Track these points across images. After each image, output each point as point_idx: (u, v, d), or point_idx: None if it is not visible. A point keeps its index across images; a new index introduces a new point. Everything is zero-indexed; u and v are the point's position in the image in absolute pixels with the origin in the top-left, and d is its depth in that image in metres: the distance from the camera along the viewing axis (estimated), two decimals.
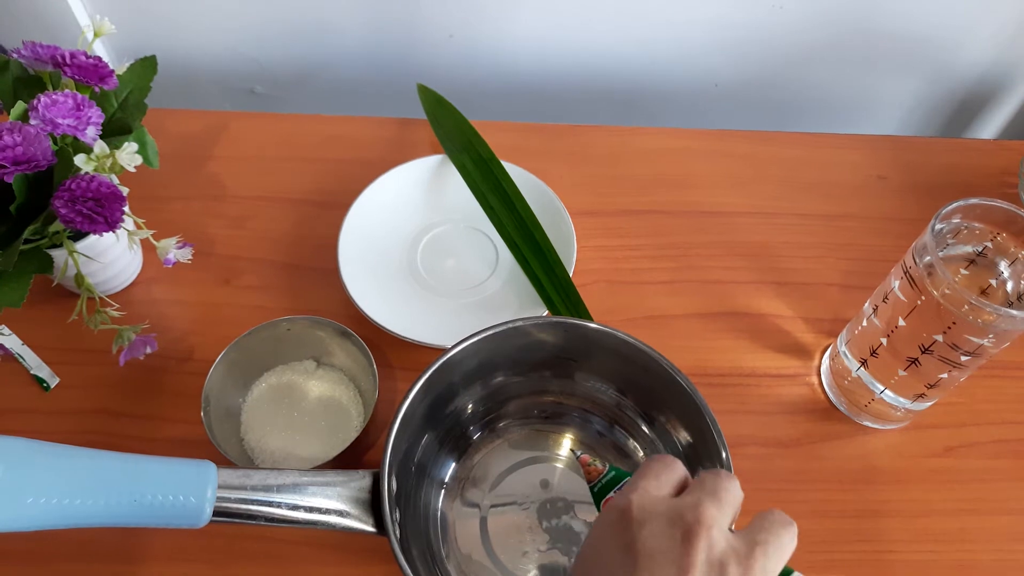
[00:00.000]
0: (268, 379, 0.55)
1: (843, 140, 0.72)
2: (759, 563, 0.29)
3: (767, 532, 0.30)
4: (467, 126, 0.67)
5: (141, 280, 0.61)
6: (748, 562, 0.29)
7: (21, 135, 0.46)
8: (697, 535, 0.29)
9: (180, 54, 0.79)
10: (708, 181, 0.69)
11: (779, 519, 0.31)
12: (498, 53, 0.79)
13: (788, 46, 0.77)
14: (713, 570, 0.29)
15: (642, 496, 0.32)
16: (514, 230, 0.61)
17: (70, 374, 0.56)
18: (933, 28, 0.75)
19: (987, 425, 0.56)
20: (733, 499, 0.32)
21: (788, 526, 0.31)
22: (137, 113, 0.55)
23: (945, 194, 0.67)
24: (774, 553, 0.30)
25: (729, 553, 0.29)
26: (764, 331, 0.60)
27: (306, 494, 0.40)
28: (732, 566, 0.29)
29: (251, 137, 0.70)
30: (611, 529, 0.31)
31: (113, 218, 0.47)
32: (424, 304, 0.60)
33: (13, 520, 0.32)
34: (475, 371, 0.49)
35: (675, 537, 0.29)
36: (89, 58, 0.50)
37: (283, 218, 0.65)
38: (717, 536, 0.30)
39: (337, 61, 0.80)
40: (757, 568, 0.29)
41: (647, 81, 0.81)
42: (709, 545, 0.29)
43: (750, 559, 0.29)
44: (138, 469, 0.35)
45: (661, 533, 0.30)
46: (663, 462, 0.34)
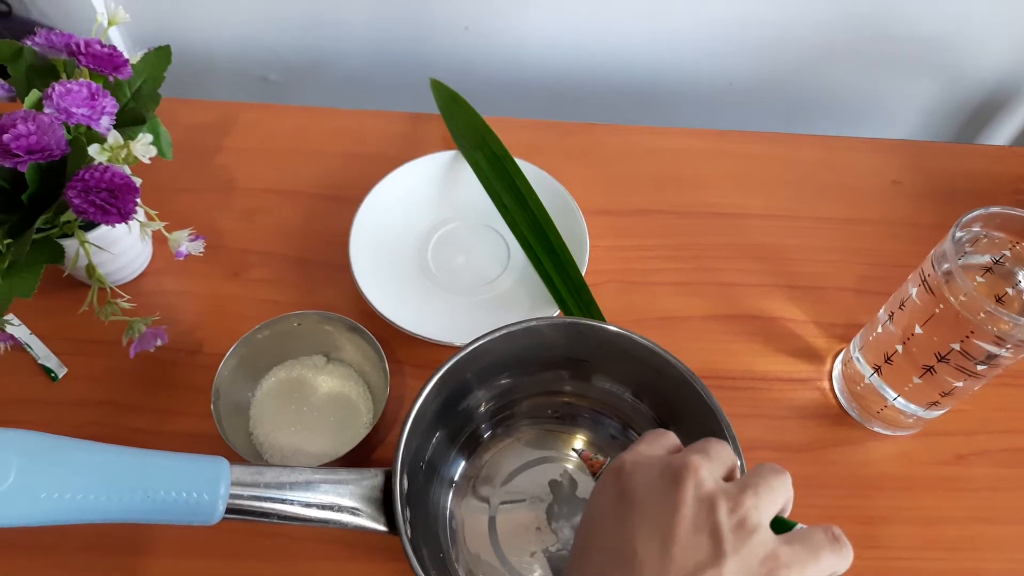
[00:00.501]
0: (277, 374, 0.55)
1: (859, 143, 0.72)
2: (750, 500, 0.30)
3: (757, 476, 0.31)
4: (481, 123, 0.66)
5: (150, 271, 0.61)
6: (738, 499, 0.30)
7: (35, 124, 0.45)
8: (685, 476, 0.30)
9: (194, 40, 0.78)
10: (722, 182, 0.68)
11: (771, 467, 0.32)
12: (513, 47, 0.78)
13: (805, 46, 0.77)
14: (702, 506, 0.29)
15: (635, 455, 0.33)
16: (527, 229, 0.60)
17: (78, 365, 0.56)
18: (952, 32, 0.74)
19: (998, 433, 0.56)
20: (723, 457, 0.33)
21: (779, 473, 0.32)
22: (150, 103, 0.55)
23: (960, 200, 0.67)
24: (765, 494, 0.30)
25: (718, 491, 0.30)
26: (776, 335, 0.59)
27: (318, 492, 0.40)
28: (721, 502, 0.30)
29: (262, 129, 0.70)
30: (606, 485, 0.33)
31: (126, 209, 0.47)
32: (435, 301, 0.60)
33: (27, 515, 0.32)
34: (488, 369, 0.49)
35: (665, 481, 0.31)
36: (104, 47, 0.50)
37: (293, 212, 0.64)
38: (706, 476, 0.31)
39: (351, 51, 0.79)
40: (748, 504, 0.29)
41: (662, 78, 0.81)
42: (697, 484, 0.30)
43: (740, 496, 0.30)
44: (151, 465, 0.35)
45: (652, 480, 0.31)
46: (656, 432, 0.35)
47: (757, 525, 0.29)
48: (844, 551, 0.30)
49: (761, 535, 0.29)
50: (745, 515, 0.29)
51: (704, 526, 0.29)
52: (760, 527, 0.29)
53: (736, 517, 0.29)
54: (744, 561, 0.28)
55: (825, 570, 0.30)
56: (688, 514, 0.29)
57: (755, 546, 0.29)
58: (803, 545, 0.30)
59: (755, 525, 0.29)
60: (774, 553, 0.29)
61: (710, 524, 0.29)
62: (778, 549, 0.29)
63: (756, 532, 0.29)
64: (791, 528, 0.32)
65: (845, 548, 0.30)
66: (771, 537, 0.30)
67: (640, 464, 0.33)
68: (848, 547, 0.31)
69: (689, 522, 0.29)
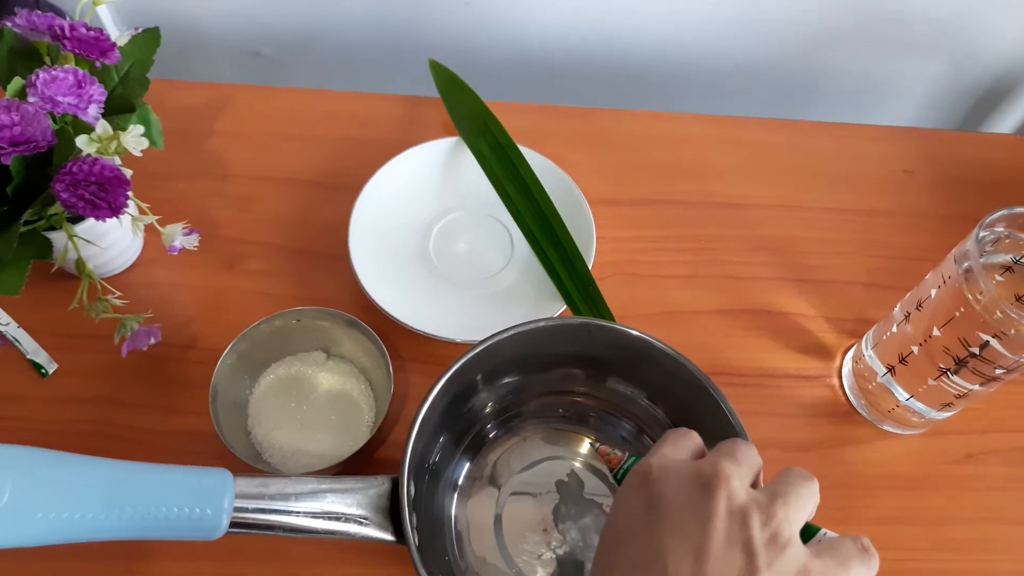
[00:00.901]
0: (276, 370, 0.53)
1: (869, 131, 0.70)
2: (780, 512, 0.29)
3: (787, 485, 0.30)
4: (483, 108, 0.64)
5: (141, 262, 0.58)
6: (770, 510, 0.29)
7: (19, 114, 0.43)
8: (717, 487, 0.30)
9: (184, 13, 0.75)
10: (729, 171, 0.67)
11: (799, 473, 0.31)
12: (515, 25, 0.76)
13: (812, 28, 0.75)
14: (735, 519, 0.29)
15: (661, 458, 0.32)
16: (532, 220, 0.59)
17: (69, 360, 0.54)
18: (962, 14, 0.72)
19: (1009, 432, 0.55)
20: (751, 460, 0.32)
21: (808, 480, 0.31)
22: (139, 88, 0.52)
23: (973, 191, 0.66)
24: (795, 503, 0.30)
25: (750, 503, 0.29)
26: (785, 330, 0.58)
27: (324, 502, 0.38)
28: (754, 515, 0.29)
29: (256, 111, 0.67)
30: (633, 492, 0.32)
31: (117, 203, 0.45)
32: (437, 294, 0.58)
33: (22, 536, 0.30)
34: (496, 370, 0.47)
35: (695, 491, 0.30)
36: (90, 30, 0.47)
37: (290, 200, 0.62)
38: (737, 487, 0.30)
39: (346, 23, 0.77)
40: (779, 516, 0.29)
41: (667, 59, 0.78)
42: (729, 495, 0.29)
43: (771, 507, 0.29)
44: (151, 480, 0.34)
45: (682, 488, 0.30)
46: (679, 432, 0.35)
47: (789, 539, 0.29)
48: (872, 562, 0.30)
49: (793, 549, 0.29)
50: (778, 528, 0.29)
51: (737, 540, 0.28)
52: (792, 540, 0.29)
53: (769, 531, 0.29)
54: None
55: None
56: (721, 528, 0.29)
57: (787, 561, 0.28)
58: (833, 557, 0.29)
59: (787, 539, 0.29)
60: (806, 568, 0.29)
61: (743, 539, 0.28)
62: (809, 563, 0.29)
63: (788, 546, 0.29)
64: (816, 533, 0.32)
65: (873, 559, 0.30)
66: (802, 551, 0.29)
67: (668, 470, 0.32)
68: (875, 557, 0.30)
69: (723, 536, 0.28)
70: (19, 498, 0.30)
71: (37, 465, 0.32)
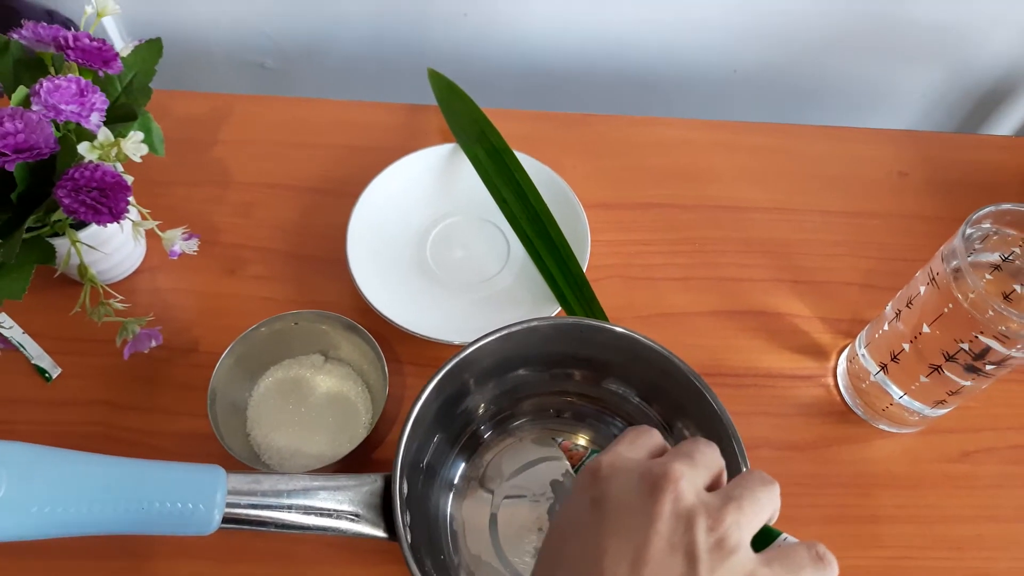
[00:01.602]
0: (275, 373, 0.54)
1: (864, 134, 0.70)
2: (731, 517, 0.28)
3: (743, 488, 0.29)
4: (480, 115, 0.65)
5: (144, 268, 0.60)
6: (719, 515, 0.28)
7: (23, 122, 0.44)
8: (664, 488, 0.28)
9: (190, 25, 0.77)
10: (725, 175, 0.67)
11: (757, 476, 0.30)
12: (513, 34, 0.77)
13: (810, 32, 0.75)
14: (680, 522, 0.28)
15: (613, 456, 0.31)
16: (527, 225, 0.59)
17: (72, 364, 0.55)
18: (960, 18, 0.73)
19: (1005, 430, 0.55)
20: (709, 462, 0.31)
21: (768, 484, 0.30)
22: (142, 98, 0.53)
23: (968, 192, 0.66)
24: (749, 508, 0.28)
25: (698, 507, 0.28)
26: (780, 330, 0.59)
27: (317, 499, 0.39)
28: (700, 519, 0.28)
29: (257, 121, 0.68)
30: (581, 490, 0.31)
31: (118, 209, 0.46)
32: (434, 298, 0.59)
33: (18, 529, 0.31)
34: (489, 370, 0.48)
35: (643, 491, 0.29)
36: (93, 40, 0.49)
37: (290, 206, 0.63)
38: (686, 489, 0.29)
39: (348, 36, 0.78)
40: (728, 521, 0.28)
41: (664, 65, 0.79)
42: (676, 497, 0.28)
43: (721, 512, 0.28)
44: (145, 475, 0.34)
45: (629, 487, 0.29)
46: (639, 430, 0.33)
47: (736, 545, 0.27)
48: (828, 570, 0.29)
49: (740, 556, 0.27)
50: (725, 534, 0.27)
51: (680, 545, 0.27)
52: (740, 547, 0.28)
53: (715, 536, 0.27)
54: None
55: None
56: (663, 531, 0.27)
57: (732, 568, 0.27)
58: (784, 565, 0.28)
59: (734, 545, 0.27)
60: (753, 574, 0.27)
61: (686, 543, 0.27)
62: (757, 571, 0.27)
63: (735, 553, 0.27)
64: (776, 537, 0.30)
65: (829, 569, 0.29)
66: (750, 558, 0.28)
67: (617, 468, 0.30)
68: (833, 566, 0.29)
69: (664, 540, 0.27)
70: (15, 492, 0.31)
71: (32, 460, 0.33)
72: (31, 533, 0.32)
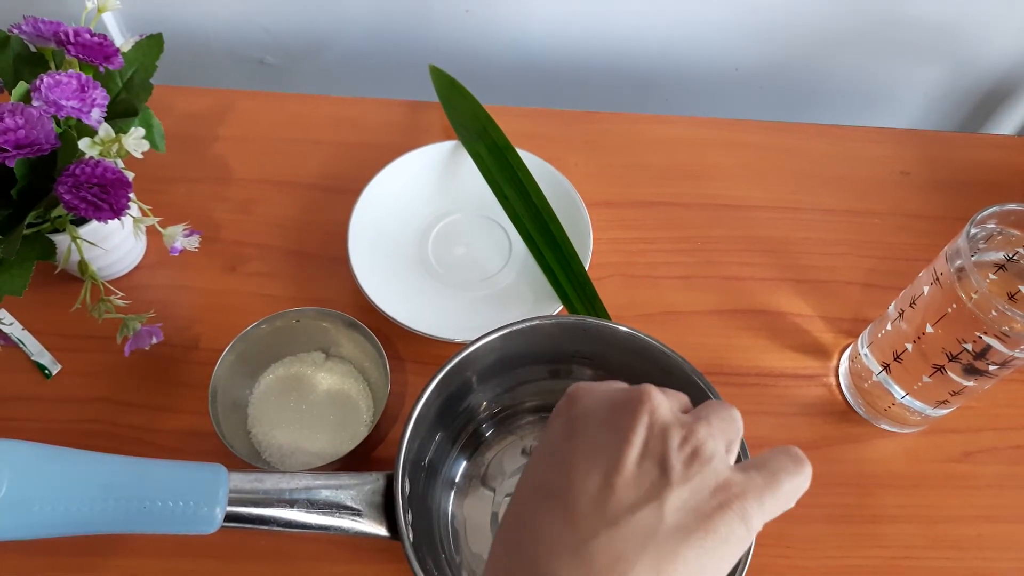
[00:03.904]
0: (276, 371, 0.54)
1: (865, 133, 0.70)
2: (703, 430, 0.28)
3: (710, 410, 0.29)
4: (482, 112, 0.65)
5: (145, 265, 0.59)
6: (692, 427, 0.28)
7: (23, 117, 0.44)
8: (640, 404, 0.28)
9: (189, 22, 0.76)
10: (727, 173, 0.67)
11: (717, 403, 0.30)
12: (514, 31, 0.76)
13: (812, 30, 0.75)
14: (653, 435, 0.27)
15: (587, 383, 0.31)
16: (529, 222, 0.59)
17: (72, 361, 0.55)
18: (962, 17, 0.73)
19: (1006, 430, 0.55)
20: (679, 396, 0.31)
21: (727, 408, 0.30)
22: (143, 93, 0.53)
23: (970, 192, 0.66)
24: (717, 424, 0.28)
25: (673, 421, 0.28)
26: (782, 329, 0.58)
27: (319, 498, 0.39)
28: (674, 431, 0.28)
29: (259, 117, 0.68)
30: (557, 414, 0.31)
31: (119, 205, 0.46)
32: (435, 296, 0.58)
33: (20, 528, 0.31)
34: (491, 368, 0.48)
35: (616, 409, 0.29)
36: (94, 36, 0.48)
37: (291, 203, 0.63)
38: (661, 403, 0.28)
39: (349, 32, 0.78)
40: (702, 433, 0.27)
41: (667, 63, 0.79)
42: (652, 412, 0.28)
43: (695, 425, 0.28)
44: (146, 474, 0.34)
45: (603, 407, 0.29)
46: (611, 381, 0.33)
47: (711, 455, 0.27)
48: (805, 470, 0.28)
49: (714, 464, 0.27)
50: (700, 444, 0.27)
51: (653, 454, 0.27)
52: (714, 457, 0.27)
53: (689, 446, 0.27)
54: (693, 492, 0.26)
55: (786, 496, 0.28)
56: (637, 443, 0.27)
57: (706, 476, 0.27)
58: (759, 471, 0.27)
59: (709, 455, 0.27)
60: (727, 482, 0.27)
61: (659, 452, 0.27)
62: (732, 477, 0.27)
63: (709, 462, 0.27)
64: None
65: (806, 468, 0.28)
66: (725, 466, 0.27)
67: (592, 391, 0.30)
68: (808, 465, 0.29)
69: (637, 451, 0.27)
70: (17, 490, 0.31)
71: (35, 458, 0.32)
72: (33, 532, 0.32)
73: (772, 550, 0.49)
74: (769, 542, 0.49)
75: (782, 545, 0.50)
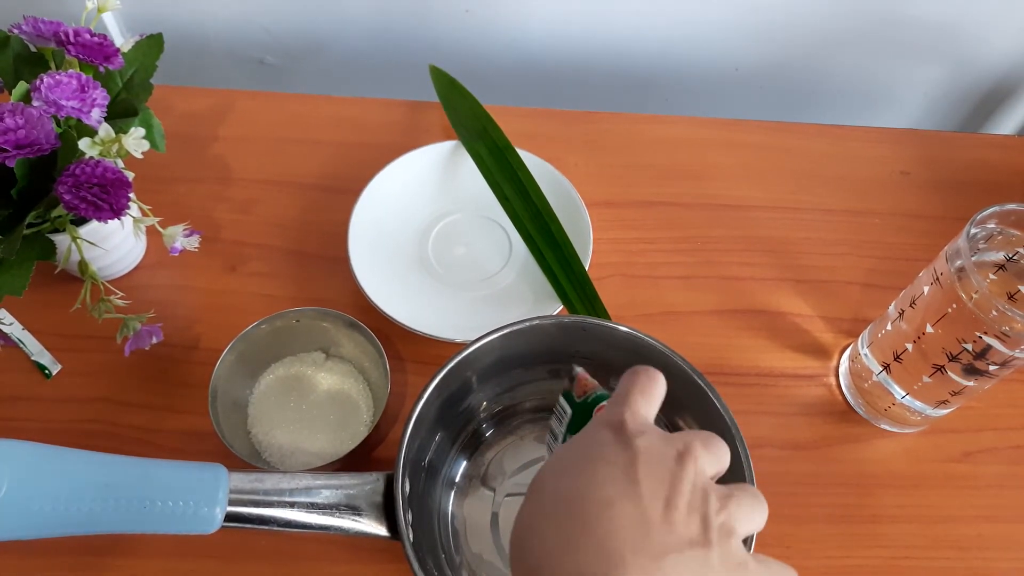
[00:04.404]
0: (276, 371, 0.54)
1: (865, 133, 0.70)
2: (734, 507, 0.30)
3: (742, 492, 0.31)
4: (482, 112, 0.65)
5: (145, 265, 0.59)
6: (725, 501, 0.30)
7: (23, 117, 0.44)
8: (688, 458, 0.30)
9: (189, 22, 0.76)
10: (727, 173, 0.67)
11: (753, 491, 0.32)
12: (514, 31, 0.76)
13: (812, 30, 0.75)
14: (697, 491, 0.30)
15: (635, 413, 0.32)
16: (529, 222, 0.59)
17: (72, 361, 0.55)
18: (962, 17, 0.73)
19: (1006, 430, 0.55)
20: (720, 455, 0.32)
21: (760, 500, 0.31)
22: (143, 93, 0.53)
23: (970, 192, 0.66)
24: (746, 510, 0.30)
25: (711, 486, 0.30)
26: (782, 329, 0.58)
27: (319, 498, 0.39)
28: (713, 497, 0.30)
29: (259, 117, 0.68)
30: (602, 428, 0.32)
31: (119, 205, 0.46)
32: (435, 296, 0.58)
33: (20, 528, 0.31)
34: (491, 368, 0.48)
35: (668, 452, 0.30)
36: (94, 36, 0.48)
37: (291, 203, 0.63)
38: (704, 466, 0.30)
39: (349, 32, 0.78)
40: (732, 509, 0.30)
41: (667, 63, 0.79)
42: (696, 471, 0.30)
43: (727, 501, 0.30)
44: (146, 474, 0.34)
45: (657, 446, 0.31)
46: (647, 375, 0.34)
47: (733, 531, 0.29)
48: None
49: (736, 542, 0.29)
50: (729, 518, 0.29)
51: (697, 510, 0.29)
52: (735, 534, 0.29)
53: (722, 516, 0.29)
54: (724, 558, 0.28)
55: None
56: (686, 492, 0.29)
57: (733, 550, 0.29)
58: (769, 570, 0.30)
59: (732, 530, 0.29)
60: (745, 563, 0.29)
61: (702, 512, 0.29)
62: (749, 561, 0.29)
63: (732, 537, 0.29)
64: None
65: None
66: (742, 548, 0.30)
67: (645, 427, 0.32)
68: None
69: (686, 499, 0.29)
70: (16, 491, 0.31)
71: (35, 458, 0.32)
72: (33, 532, 0.32)
73: (772, 550, 0.49)
74: (769, 542, 0.49)
75: (782, 545, 0.50)
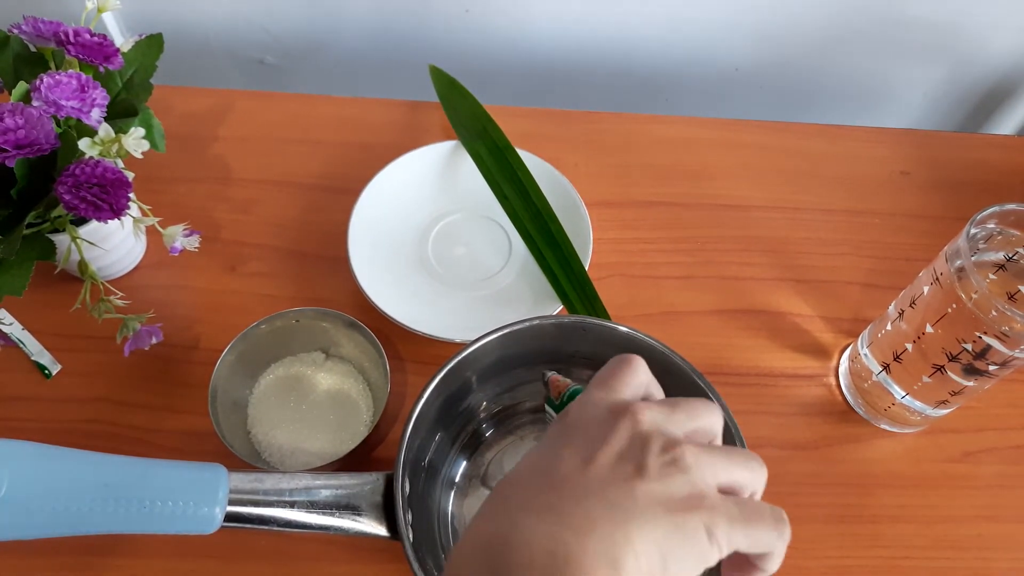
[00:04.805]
0: (276, 371, 0.54)
1: (866, 133, 0.70)
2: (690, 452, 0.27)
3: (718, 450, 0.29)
4: (482, 112, 0.65)
5: (145, 265, 0.59)
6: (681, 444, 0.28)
7: (23, 117, 0.44)
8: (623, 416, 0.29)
9: (189, 22, 0.76)
10: (726, 173, 0.67)
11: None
12: (514, 31, 0.76)
13: (812, 31, 0.75)
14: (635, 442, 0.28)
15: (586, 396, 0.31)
16: (529, 222, 0.59)
17: (72, 361, 0.55)
18: (962, 17, 0.73)
19: (1006, 430, 0.55)
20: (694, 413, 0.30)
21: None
22: (143, 93, 0.53)
23: (970, 192, 0.66)
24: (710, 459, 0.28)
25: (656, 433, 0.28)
26: (782, 329, 0.58)
27: (319, 498, 0.39)
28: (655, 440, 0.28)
29: (258, 117, 0.68)
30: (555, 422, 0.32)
31: (119, 205, 0.46)
32: (435, 296, 0.58)
33: (20, 528, 0.31)
34: (491, 368, 0.48)
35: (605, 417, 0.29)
36: (94, 36, 0.48)
37: (291, 203, 0.63)
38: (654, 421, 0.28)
39: (349, 32, 0.78)
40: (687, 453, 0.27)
41: (666, 63, 0.79)
42: (634, 423, 0.28)
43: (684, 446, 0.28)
44: (146, 474, 0.34)
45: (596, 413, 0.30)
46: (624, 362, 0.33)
47: (690, 467, 0.27)
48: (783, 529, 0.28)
49: (692, 476, 0.27)
50: (680, 456, 0.27)
51: (630, 457, 0.28)
52: (694, 471, 0.27)
53: (670, 455, 0.27)
54: (664, 488, 0.27)
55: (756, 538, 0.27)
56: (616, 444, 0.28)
57: (680, 482, 0.27)
58: (741, 506, 0.27)
59: (688, 466, 0.27)
60: (702, 493, 0.27)
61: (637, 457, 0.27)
62: (709, 492, 0.27)
63: (687, 472, 0.27)
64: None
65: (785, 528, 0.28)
66: (706, 484, 0.27)
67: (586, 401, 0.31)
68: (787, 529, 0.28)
69: (614, 451, 0.28)
70: (16, 491, 0.31)
71: (35, 458, 0.32)
72: (33, 532, 0.32)
73: None
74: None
75: None
